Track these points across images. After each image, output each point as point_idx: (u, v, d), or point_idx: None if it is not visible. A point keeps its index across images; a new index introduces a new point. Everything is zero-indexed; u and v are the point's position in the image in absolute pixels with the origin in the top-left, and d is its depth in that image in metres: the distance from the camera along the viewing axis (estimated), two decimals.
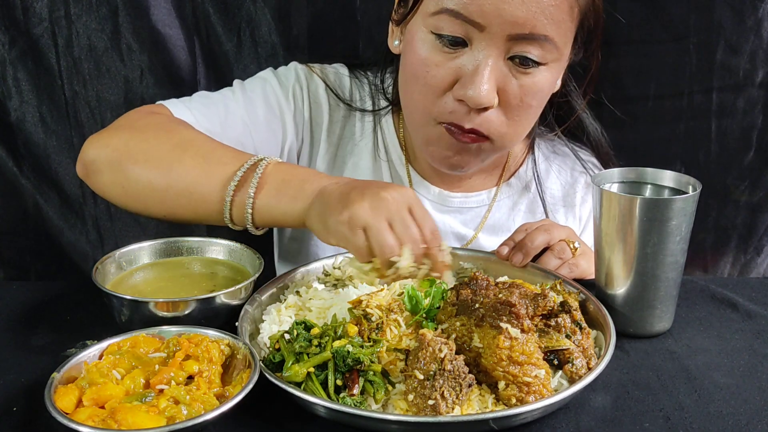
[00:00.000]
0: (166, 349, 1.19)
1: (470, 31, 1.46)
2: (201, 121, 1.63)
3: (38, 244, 2.02)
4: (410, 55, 1.57)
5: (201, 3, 1.92)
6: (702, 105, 1.94)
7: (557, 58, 1.52)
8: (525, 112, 1.55)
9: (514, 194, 1.86)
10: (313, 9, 1.93)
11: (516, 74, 1.50)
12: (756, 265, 2.07)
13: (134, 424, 1.03)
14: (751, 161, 1.97)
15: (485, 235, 1.83)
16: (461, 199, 1.82)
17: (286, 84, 1.76)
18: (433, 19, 1.49)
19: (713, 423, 1.16)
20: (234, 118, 1.68)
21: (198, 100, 1.69)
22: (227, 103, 1.70)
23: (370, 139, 1.82)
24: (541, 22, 1.43)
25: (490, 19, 1.43)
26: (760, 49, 1.87)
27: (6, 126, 1.93)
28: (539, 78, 1.51)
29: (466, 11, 1.44)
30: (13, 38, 1.87)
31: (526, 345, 1.17)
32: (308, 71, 1.80)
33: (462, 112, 1.52)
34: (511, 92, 1.51)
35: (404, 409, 1.15)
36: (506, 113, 1.54)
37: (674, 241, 1.33)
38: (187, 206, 1.45)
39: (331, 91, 1.80)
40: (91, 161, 1.51)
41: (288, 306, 1.38)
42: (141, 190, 1.48)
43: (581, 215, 1.90)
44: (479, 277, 1.35)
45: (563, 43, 1.50)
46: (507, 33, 1.44)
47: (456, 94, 1.51)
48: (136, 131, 1.54)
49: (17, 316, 1.47)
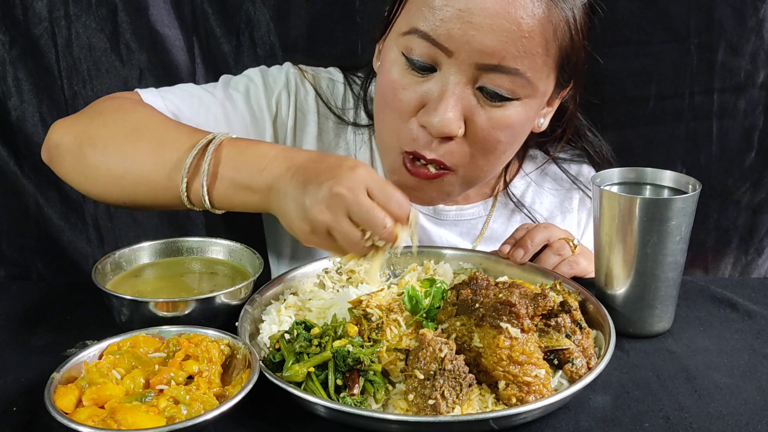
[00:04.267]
0: (166, 349, 1.19)
1: (438, 56, 1.42)
2: (170, 110, 1.59)
3: (38, 243, 2.02)
4: (381, 75, 1.53)
5: (200, 3, 1.92)
6: (703, 106, 1.94)
7: (531, 95, 1.46)
8: (492, 147, 1.49)
9: (510, 206, 1.84)
10: (312, 10, 1.93)
11: (484, 106, 1.44)
12: (757, 266, 2.07)
13: (134, 424, 1.03)
14: (753, 162, 1.97)
15: (484, 246, 1.80)
16: (456, 212, 1.80)
17: (273, 87, 1.71)
18: (404, 39, 1.45)
19: (713, 423, 1.16)
20: (207, 114, 1.63)
21: (175, 92, 1.65)
22: (204, 97, 1.65)
23: (366, 152, 1.78)
24: (512, 54, 1.38)
25: (458, 45, 1.39)
26: (762, 50, 1.87)
27: (6, 125, 1.93)
28: (511, 112, 1.46)
29: (435, 34, 1.40)
30: (13, 38, 1.87)
31: (526, 345, 1.17)
32: (300, 77, 1.75)
33: (424, 140, 1.47)
34: (479, 123, 1.45)
35: (404, 408, 1.15)
36: (471, 145, 1.48)
37: (674, 241, 1.33)
38: (147, 193, 1.42)
39: (322, 101, 1.75)
40: (54, 146, 1.49)
41: (288, 306, 1.38)
42: (100, 177, 1.44)
43: (580, 219, 1.90)
44: (479, 277, 1.35)
45: (536, 79, 1.44)
46: (475, 61, 1.39)
47: (420, 120, 1.46)
48: (96, 115, 1.51)
49: (17, 316, 1.47)
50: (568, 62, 1.49)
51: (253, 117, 1.68)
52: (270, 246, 1.93)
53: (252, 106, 1.68)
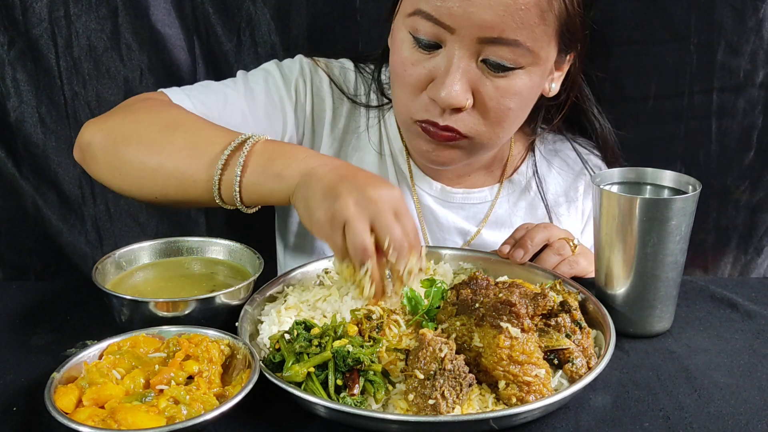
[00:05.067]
0: (166, 349, 1.19)
1: (442, 34, 1.48)
2: (199, 108, 1.63)
3: (38, 244, 2.01)
4: (393, 54, 1.60)
5: (201, 3, 1.92)
6: (702, 105, 1.94)
7: (533, 62, 1.52)
8: (503, 114, 1.55)
9: (516, 191, 1.87)
10: (312, 9, 1.94)
11: (490, 77, 1.51)
12: (756, 265, 2.07)
13: (134, 424, 1.03)
14: (752, 161, 1.97)
15: (489, 231, 1.84)
16: (463, 195, 1.84)
17: (290, 76, 1.77)
18: (410, 19, 1.51)
19: (713, 423, 1.16)
20: (233, 108, 1.69)
21: (198, 89, 1.70)
22: (227, 92, 1.71)
23: (375, 134, 1.83)
24: (510, 26, 1.44)
25: (459, 21, 1.45)
26: (761, 50, 1.87)
27: (5, 126, 1.93)
28: (516, 81, 1.52)
29: (437, 13, 1.46)
30: (13, 38, 1.87)
31: (526, 344, 1.17)
32: (313, 65, 1.81)
33: (436, 111, 1.54)
34: (486, 94, 1.52)
35: (404, 408, 1.15)
36: (483, 114, 1.55)
37: (674, 241, 1.33)
38: (179, 186, 1.46)
39: (335, 86, 1.81)
40: (87, 144, 1.52)
41: (288, 307, 1.38)
42: (133, 172, 1.48)
43: (584, 209, 1.91)
44: (479, 277, 1.35)
45: (537, 48, 1.50)
46: (476, 36, 1.45)
47: (429, 94, 1.54)
48: (129, 114, 1.56)
49: (17, 316, 1.47)
50: (567, 29, 1.55)
51: (275, 107, 1.74)
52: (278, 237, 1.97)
53: (272, 96, 1.74)
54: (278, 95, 1.75)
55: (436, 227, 1.84)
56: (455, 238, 1.84)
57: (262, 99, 1.73)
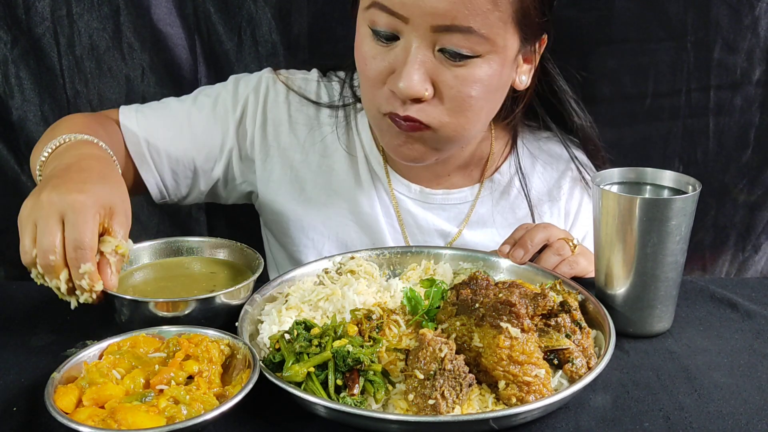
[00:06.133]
0: (166, 349, 1.19)
1: (398, 24, 1.48)
2: (141, 123, 1.74)
3: None
4: (356, 50, 1.61)
5: (202, 2, 1.92)
6: (700, 103, 1.94)
7: (491, 50, 1.50)
8: (465, 103, 1.54)
9: (497, 190, 1.86)
10: (313, 8, 1.94)
11: (449, 66, 1.50)
12: (754, 263, 2.07)
13: (134, 424, 1.03)
14: (749, 159, 1.98)
15: (470, 231, 1.83)
16: (443, 196, 1.83)
17: (241, 93, 1.81)
18: (368, 12, 1.52)
19: (713, 423, 1.16)
20: (173, 121, 1.77)
21: (151, 106, 1.81)
22: (173, 106, 1.79)
23: (344, 137, 1.83)
24: (462, 13, 1.44)
25: (412, 10, 1.45)
26: (758, 48, 1.87)
27: (8, 125, 1.93)
28: (475, 70, 1.51)
29: (390, 3, 1.47)
30: (15, 37, 1.88)
31: (526, 345, 1.17)
32: (273, 79, 1.83)
33: (397, 102, 1.54)
34: (446, 83, 1.51)
35: (404, 408, 1.15)
36: (445, 104, 1.54)
37: (674, 241, 1.33)
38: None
39: (295, 93, 1.82)
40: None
41: (289, 307, 1.38)
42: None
43: (568, 210, 1.89)
44: (479, 277, 1.35)
45: (493, 35, 1.48)
46: (429, 24, 1.45)
47: (389, 86, 1.54)
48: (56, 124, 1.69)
49: (17, 316, 1.47)
50: (525, 16, 1.53)
51: (216, 121, 1.79)
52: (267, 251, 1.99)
53: (217, 111, 1.79)
54: (223, 108, 1.79)
55: (416, 230, 1.83)
56: (436, 239, 1.83)
57: (206, 113, 1.79)
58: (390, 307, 1.36)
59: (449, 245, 1.82)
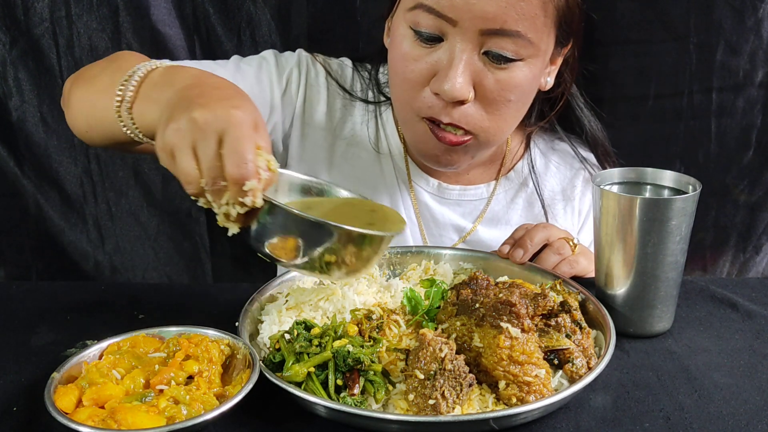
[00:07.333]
0: (166, 349, 1.19)
1: (444, 26, 1.48)
2: None
3: (39, 243, 2.02)
4: (393, 50, 1.60)
5: (201, 3, 1.92)
6: (702, 105, 1.94)
7: (534, 54, 1.52)
8: (504, 107, 1.56)
9: (513, 188, 1.87)
10: (313, 9, 1.94)
11: (491, 69, 1.51)
12: (755, 264, 2.07)
13: (134, 424, 1.03)
14: (751, 161, 1.98)
15: (484, 228, 1.85)
16: (459, 192, 1.84)
17: (284, 65, 1.78)
18: (411, 14, 1.52)
19: (713, 423, 1.16)
20: None
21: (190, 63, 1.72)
22: (215, 68, 1.67)
23: (372, 132, 1.84)
24: (512, 18, 1.45)
25: (461, 14, 1.45)
26: (760, 50, 1.87)
27: (7, 126, 1.93)
28: (516, 73, 1.52)
29: (439, 6, 1.47)
30: (14, 38, 1.88)
31: (526, 345, 1.17)
32: (312, 59, 1.82)
33: (439, 106, 1.54)
34: (488, 86, 1.52)
35: (405, 408, 1.15)
36: (485, 107, 1.55)
37: (674, 241, 1.33)
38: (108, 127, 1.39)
39: (332, 78, 1.82)
40: (66, 91, 1.53)
41: (289, 307, 1.38)
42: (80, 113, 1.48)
43: (581, 209, 1.91)
44: (479, 277, 1.35)
45: (538, 39, 1.51)
46: (478, 28, 1.46)
47: (432, 88, 1.53)
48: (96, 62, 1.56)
49: (17, 316, 1.47)
50: (565, 21, 1.56)
51: (262, 89, 1.74)
52: None
53: (262, 79, 1.75)
54: (268, 79, 1.75)
55: (433, 224, 1.84)
56: (451, 234, 1.84)
57: (251, 80, 1.72)
58: (390, 307, 1.37)
59: (463, 240, 1.83)
